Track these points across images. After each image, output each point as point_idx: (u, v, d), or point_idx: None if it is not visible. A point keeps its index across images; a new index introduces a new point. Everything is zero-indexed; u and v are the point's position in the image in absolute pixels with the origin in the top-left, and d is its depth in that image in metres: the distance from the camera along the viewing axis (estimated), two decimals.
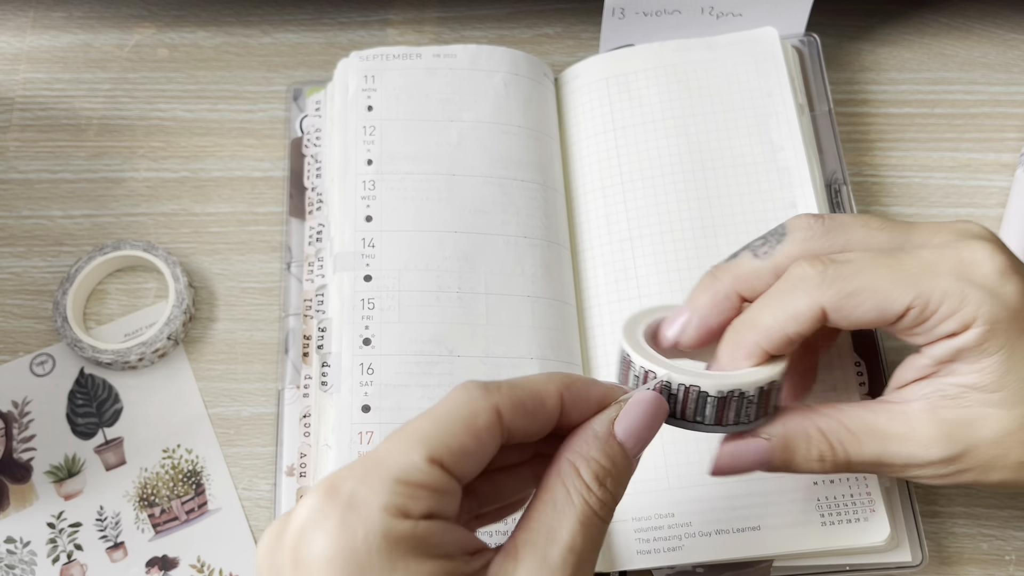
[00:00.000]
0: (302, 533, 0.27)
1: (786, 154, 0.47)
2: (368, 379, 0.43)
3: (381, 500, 0.27)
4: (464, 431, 0.28)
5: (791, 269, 0.35)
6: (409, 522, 0.27)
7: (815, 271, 0.34)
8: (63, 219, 0.51)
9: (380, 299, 0.44)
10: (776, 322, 0.34)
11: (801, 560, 0.41)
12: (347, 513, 0.27)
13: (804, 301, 0.34)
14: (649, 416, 0.31)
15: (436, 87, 0.49)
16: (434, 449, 0.28)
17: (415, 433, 0.28)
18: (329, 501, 0.27)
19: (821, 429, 0.35)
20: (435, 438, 0.28)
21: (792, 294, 0.34)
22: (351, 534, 0.27)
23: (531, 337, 0.44)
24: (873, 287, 0.33)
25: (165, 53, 0.55)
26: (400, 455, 0.28)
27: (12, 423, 0.47)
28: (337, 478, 0.28)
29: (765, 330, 0.34)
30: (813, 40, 0.52)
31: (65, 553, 0.44)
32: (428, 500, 0.28)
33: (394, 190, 0.46)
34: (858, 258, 0.34)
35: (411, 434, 0.28)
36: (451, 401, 0.29)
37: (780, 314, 0.34)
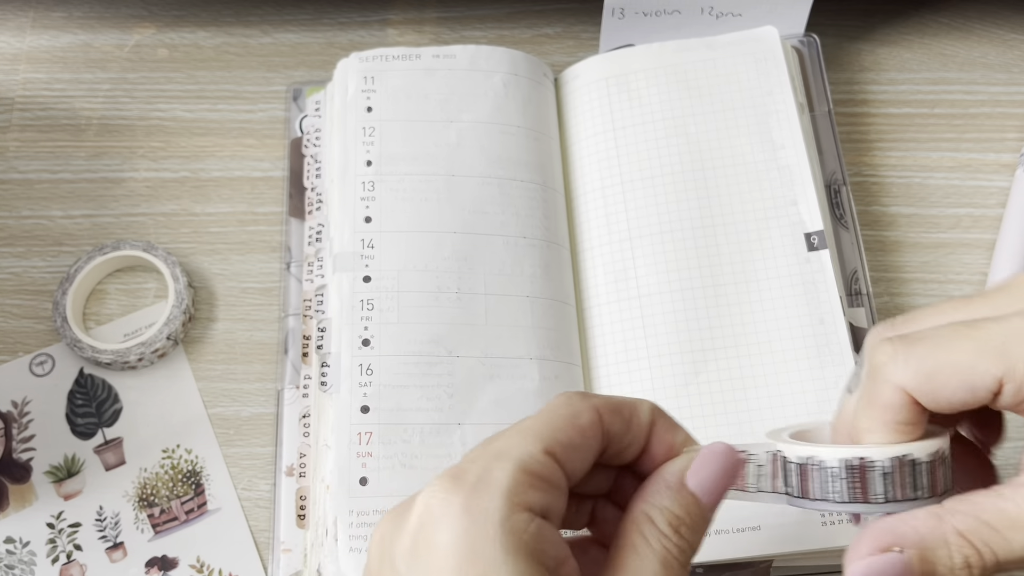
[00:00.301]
0: (426, 516, 0.27)
1: (786, 152, 0.47)
2: (367, 380, 0.43)
3: (505, 485, 0.27)
4: (571, 427, 0.29)
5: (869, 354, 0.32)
6: (526, 516, 0.27)
7: (887, 355, 0.31)
8: (63, 219, 0.51)
9: (379, 300, 0.44)
10: (872, 423, 0.31)
11: (801, 560, 0.41)
12: (472, 497, 0.27)
13: (886, 390, 0.31)
14: (720, 467, 0.31)
15: (435, 88, 0.49)
16: (548, 442, 0.28)
17: (528, 429, 0.29)
18: (455, 485, 0.27)
19: (959, 531, 0.30)
20: (547, 433, 0.29)
21: (874, 387, 0.31)
22: (477, 519, 0.27)
23: (530, 337, 0.44)
24: (956, 363, 0.29)
25: (165, 53, 0.55)
26: (519, 446, 0.28)
27: (12, 423, 0.47)
28: (463, 464, 0.28)
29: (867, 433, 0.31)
30: (813, 40, 0.52)
31: (64, 553, 0.44)
32: (545, 494, 0.28)
33: (393, 191, 0.46)
34: (933, 332, 0.30)
35: (525, 430, 0.29)
36: (554, 404, 0.30)
37: (874, 414, 0.31)
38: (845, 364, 0.43)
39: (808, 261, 0.45)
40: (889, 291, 0.49)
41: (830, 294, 0.44)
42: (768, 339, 0.44)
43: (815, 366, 0.43)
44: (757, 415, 0.43)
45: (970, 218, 0.51)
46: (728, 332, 0.44)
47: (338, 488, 0.41)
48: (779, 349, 0.44)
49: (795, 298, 0.44)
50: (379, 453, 0.42)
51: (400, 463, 0.41)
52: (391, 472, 0.41)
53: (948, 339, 0.30)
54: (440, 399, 0.43)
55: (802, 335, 0.44)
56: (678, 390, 0.43)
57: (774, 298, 0.45)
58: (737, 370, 0.44)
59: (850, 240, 0.47)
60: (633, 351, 0.44)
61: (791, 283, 0.45)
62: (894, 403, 0.30)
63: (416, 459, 0.42)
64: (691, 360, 0.44)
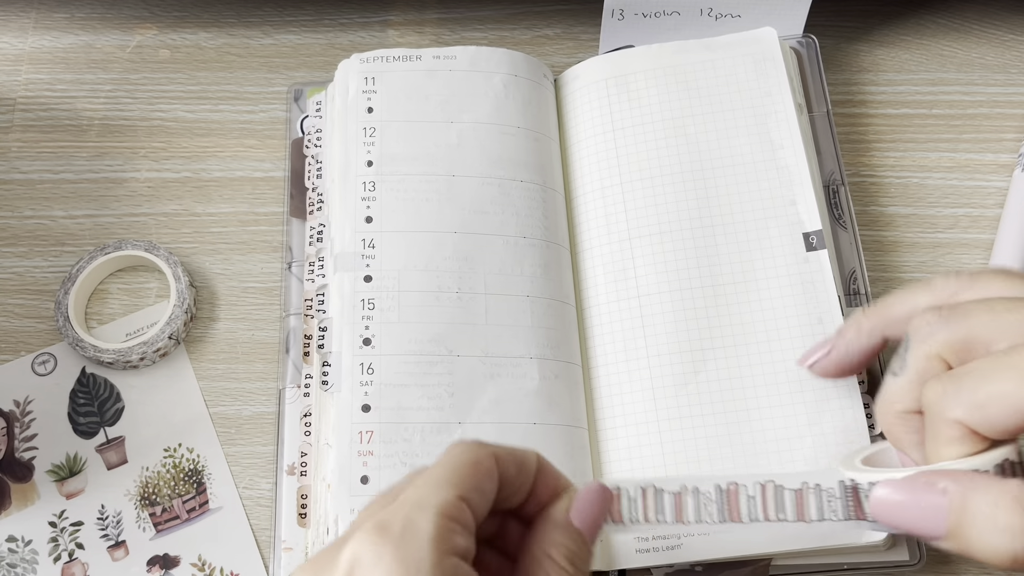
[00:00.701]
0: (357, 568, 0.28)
1: (785, 153, 0.47)
2: (368, 379, 0.43)
3: (430, 533, 0.28)
4: (476, 473, 0.30)
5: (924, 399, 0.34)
6: (454, 560, 0.28)
7: (936, 394, 0.33)
8: (65, 219, 0.51)
9: (380, 299, 0.44)
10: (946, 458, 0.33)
11: (799, 559, 0.42)
12: (401, 547, 0.28)
13: (944, 427, 0.32)
14: (596, 503, 0.33)
15: (436, 89, 0.49)
16: (460, 489, 0.30)
17: (439, 478, 0.30)
18: (382, 536, 0.28)
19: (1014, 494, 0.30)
20: (456, 480, 0.30)
21: (934, 426, 0.33)
22: (411, 567, 0.27)
23: (530, 337, 0.44)
24: (1001, 393, 0.31)
25: (167, 54, 0.55)
26: (436, 495, 0.29)
27: (14, 422, 0.47)
28: (384, 517, 0.29)
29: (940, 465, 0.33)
30: (811, 42, 0.52)
31: (66, 552, 0.44)
32: (463, 538, 0.29)
33: (394, 191, 0.46)
34: (977, 367, 0.32)
35: (436, 479, 0.30)
36: (455, 452, 0.31)
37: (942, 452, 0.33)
38: None
39: (807, 261, 0.45)
40: (888, 290, 0.49)
41: (828, 294, 0.45)
42: (767, 339, 0.44)
43: None
44: (756, 414, 0.43)
45: (968, 218, 0.51)
46: (727, 332, 0.44)
47: (339, 487, 0.41)
48: (778, 349, 0.44)
49: (794, 298, 0.45)
50: (380, 452, 0.42)
51: (401, 462, 0.42)
52: (392, 471, 0.41)
53: (991, 371, 0.32)
54: (441, 398, 0.43)
55: (801, 335, 0.44)
56: (677, 389, 0.44)
57: (773, 298, 0.45)
58: (736, 369, 0.44)
59: (848, 240, 0.47)
60: (633, 351, 0.45)
61: (790, 283, 0.45)
62: (954, 437, 0.32)
63: (417, 458, 0.42)
64: (690, 359, 0.44)
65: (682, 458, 0.42)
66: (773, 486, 0.36)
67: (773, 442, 0.42)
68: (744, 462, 0.42)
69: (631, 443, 0.43)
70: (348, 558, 0.28)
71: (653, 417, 0.43)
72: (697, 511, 0.35)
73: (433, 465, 0.31)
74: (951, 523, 0.31)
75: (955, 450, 0.32)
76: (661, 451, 0.43)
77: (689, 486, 0.36)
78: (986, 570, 0.43)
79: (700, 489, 0.36)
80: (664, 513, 0.35)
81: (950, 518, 0.31)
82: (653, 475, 0.40)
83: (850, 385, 0.43)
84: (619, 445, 0.43)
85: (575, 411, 0.44)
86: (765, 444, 0.42)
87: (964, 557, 0.43)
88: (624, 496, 0.35)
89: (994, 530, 0.30)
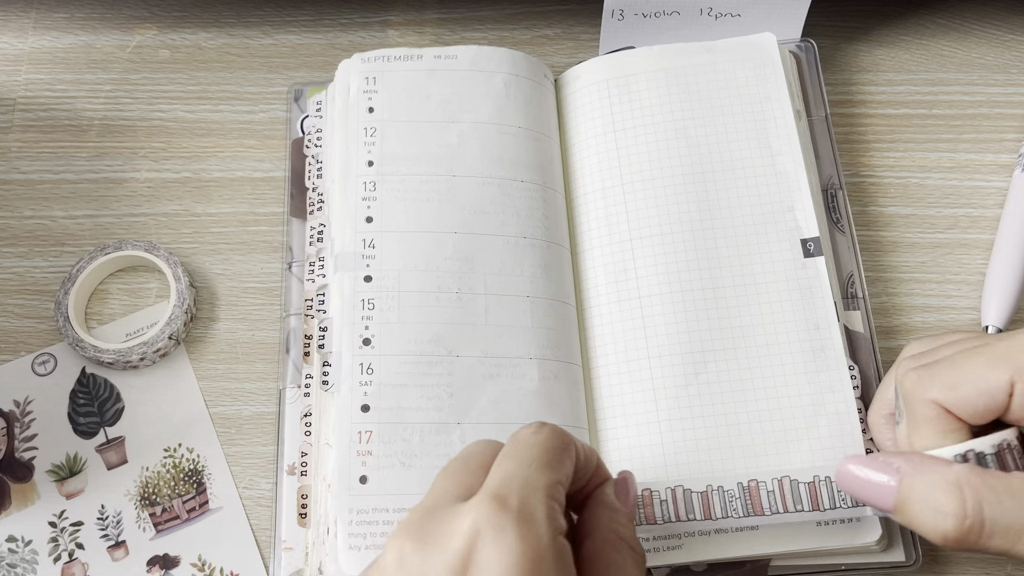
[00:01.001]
0: (475, 543, 0.29)
1: (783, 159, 0.47)
2: (368, 379, 0.43)
3: (545, 513, 0.30)
4: (566, 459, 0.33)
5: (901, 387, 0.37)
6: (562, 538, 0.31)
7: (912, 381, 0.36)
8: (65, 219, 0.51)
9: (380, 299, 0.44)
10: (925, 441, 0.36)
11: (797, 560, 0.42)
12: (521, 524, 0.29)
13: (922, 408, 0.36)
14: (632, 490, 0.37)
15: (437, 88, 0.49)
16: (557, 473, 0.32)
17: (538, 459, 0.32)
18: (504, 511, 0.30)
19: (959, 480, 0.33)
20: (555, 465, 0.32)
21: (913, 409, 0.36)
22: (530, 545, 0.29)
23: (530, 337, 0.44)
24: (972, 375, 0.35)
25: (166, 54, 0.55)
26: (541, 476, 0.31)
27: (14, 422, 0.47)
28: (500, 491, 0.30)
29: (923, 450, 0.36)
30: (810, 46, 0.52)
31: (66, 552, 0.44)
32: (563, 520, 0.31)
33: (394, 191, 0.46)
34: (948, 356, 0.36)
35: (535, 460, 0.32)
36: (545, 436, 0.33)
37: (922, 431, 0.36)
38: (839, 369, 0.43)
39: (804, 267, 0.45)
40: (887, 291, 0.49)
41: (825, 300, 0.45)
42: (766, 342, 0.44)
43: (811, 370, 0.44)
44: (755, 416, 0.43)
45: (968, 218, 0.51)
46: (727, 334, 0.44)
47: (338, 486, 0.41)
48: (776, 352, 0.44)
49: (792, 303, 0.45)
50: (379, 452, 0.42)
51: (400, 462, 0.42)
52: (391, 471, 0.41)
53: (963, 357, 0.35)
54: (440, 398, 0.43)
55: (798, 339, 0.44)
56: (678, 390, 0.44)
57: (772, 302, 0.45)
58: (736, 372, 0.44)
59: (846, 244, 0.47)
60: (633, 351, 0.45)
61: (788, 288, 0.45)
62: (931, 416, 0.35)
63: (416, 458, 0.42)
64: (691, 361, 0.44)
65: (683, 458, 0.42)
66: (789, 480, 0.40)
67: (772, 444, 0.42)
68: (744, 463, 0.42)
69: (631, 443, 0.43)
70: (468, 527, 0.29)
71: (654, 418, 0.43)
72: (724, 507, 0.40)
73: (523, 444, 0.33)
74: (898, 499, 0.34)
75: (930, 429, 0.35)
76: (662, 451, 0.43)
77: (714, 484, 0.40)
78: (986, 569, 0.43)
79: (724, 487, 0.40)
80: (694, 511, 0.39)
81: (899, 495, 0.34)
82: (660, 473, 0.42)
83: (845, 391, 0.43)
84: (620, 445, 0.43)
85: (575, 411, 0.44)
86: (764, 446, 0.42)
87: (960, 557, 0.43)
88: (656, 499, 0.40)
89: (930, 509, 0.33)
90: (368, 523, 0.40)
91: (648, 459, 0.43)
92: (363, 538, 0.40)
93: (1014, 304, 0.47)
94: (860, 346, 0.45)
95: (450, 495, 0.32)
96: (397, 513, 0.41)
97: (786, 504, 0.40)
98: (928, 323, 0.48)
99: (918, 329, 0.48)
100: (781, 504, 0.41)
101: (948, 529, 0.32)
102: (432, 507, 0.31)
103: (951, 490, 0.33)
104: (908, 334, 0.48)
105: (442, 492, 0.32)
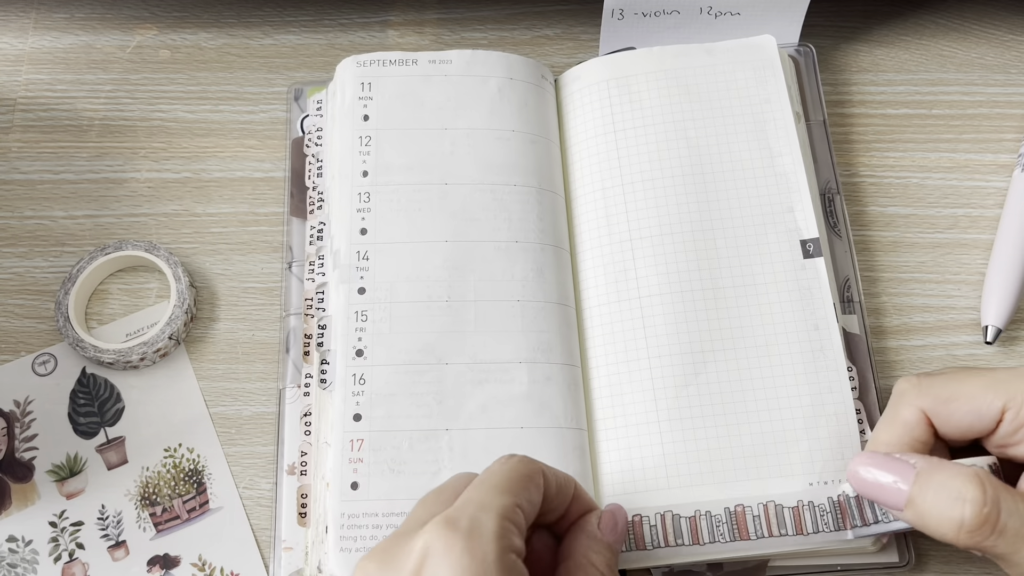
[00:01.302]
0: (428, 558, 0.31)
1: (783, 160, 0.47)
2: (360, 389, 0.43)
3: (494, 531, 0.32)
4: (529, 485, 0.34)
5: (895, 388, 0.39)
6: (512, 556, 0.32)
7: (911, 384, 0.38)
8: (65, 219, 0.51)
9: (373, 311, 0.45)
10: (890, 436, 0.38)
11: (794, 560, 0.42)
12: (469, 541, 0.31)
13: (907, 411, 0.38)
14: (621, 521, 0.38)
15: (431, 95, 0.49)
16: (516, 496, 0.33)
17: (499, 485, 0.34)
18: (452, 531, 0.31)
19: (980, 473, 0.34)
20: (515, 489, 0.34)
21: (897, 409, 0.38)
22: (476, 559, 0.31)
23: (519, 341, 0.44)
24: (968, 393, 0.37)
25: (167, 54, 0.56)
26: (496, 498, 0.33)
27: (14, 422, 0.47)
28: (451, 513, 0.32)
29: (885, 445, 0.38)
30: (809, 50, 0.52)
31: (67, 552, 0.45)
32: (518, 538, 0.33)
33: (388, 202, 0.47)
34: (951, 371, 0.38)
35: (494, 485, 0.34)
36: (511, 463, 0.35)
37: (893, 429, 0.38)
38: (838, 369, 0.44)
39: (804, 268, 0.45)
40: (887, 291, 0.49)
41: (824, 301, 0.45)
42: (765, 343, 0.44)
43: (810, 371, 0.44)
44: (755, 416, 0.43)
45: (968, 218, 0.51)
46: (727, 335, 0.44)
47: (337, 485, 0.41)
48: (775, 353, 0.44)
49: (791, 304, 0.45)
50: (369, 459, 0.42)
51: (389, 468, 0.42)
52: (381, 478, 0.42)
53: (963, 376, 0.37)
54: (429, 406, 0.43)
55: (797, 340, 0.44)
56: (677, 390, 0.44)
57: (771, 303, 0.45)
58: (735, 372, 0.44)
59: (843, 248, 0.47)
60: (633, 351, 0.45)
61: (787, 288, 0.45)
62: (911, 421, 0.37)
63: (405, 464, 0.42)
64: (691, 361, 0.44)
65: (682, 459, 0.43)
66: (774, 505, 0.41)
67: (771, 444, 0.42)
68: (743, 463, 0.42)
69: (631, 443, 0.43)
70: (420, 548, 0.31)
71: (654, 418, 0.43)
72: (712, 532, 0.41)
73: (489, 472, 0.35)
74: (913, 492, 0.34)
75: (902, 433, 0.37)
76: (661, 451, 0.43)
77: (702, 510, 0.41)
78: (986, 569, 0.43)
79: (712, 512, 0.41)
80: (682, 536, 0.41)
81: (913, 488, 0.34)
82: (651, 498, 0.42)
83: (844, 391, 0.43)
84: (619, 446, 0.43)
85: (568, 413, 0.44)
86: (764, 447, 0.42)
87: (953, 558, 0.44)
88: (645, 524, 0.41)
89: (948, 497, 0.33)
90: (358, 527, 0.41)
91: (647, 459, 0.43)
92: (353, 541, 0.41)
93: (1014, 304, 0.47)
94: (857, 348, 0.45)
95: (419, 522, 0.33)
96: (386, 518, 0.41)
97: (771, 529, 0.41)
98: (928, 323, 0.48)
99: (918, 329, 0.48)
100: (766, 528, 0.41)
101: (966, 515, 0.33)
102: (401, 534, 0.33)
103: (972, 479, 0.33)
104: (908, 334, 0.48)
105: (414, 520, 0.34)
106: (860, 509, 0.39)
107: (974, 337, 0.48)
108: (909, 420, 0.38)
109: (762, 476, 0.42)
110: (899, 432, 0.38)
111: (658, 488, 0.42)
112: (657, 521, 0.41)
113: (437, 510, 0.33)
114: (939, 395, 0.37)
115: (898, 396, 0.38)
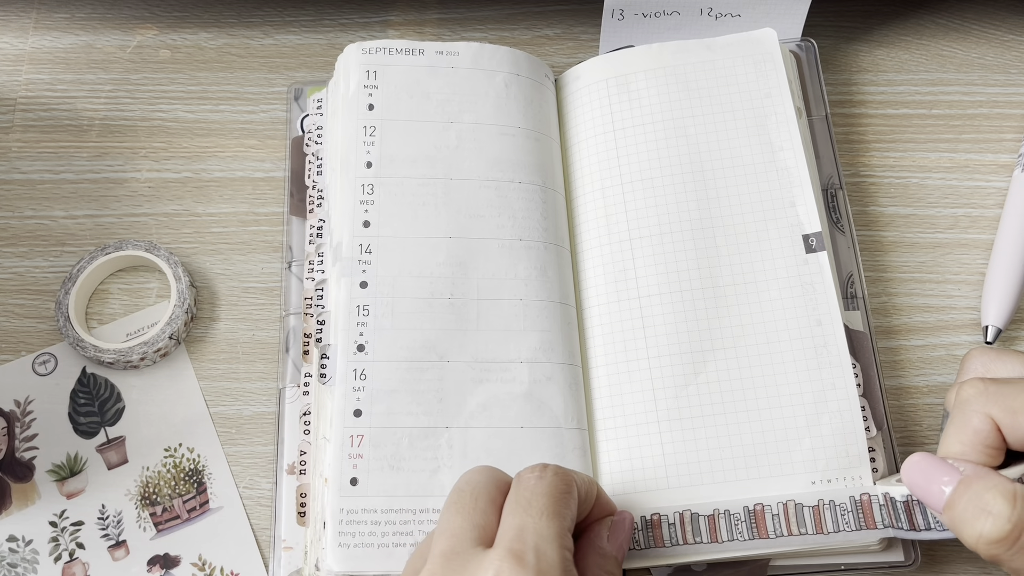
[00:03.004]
0: None
1: (785, 155, 0.47)
2: (361, 384, 0.43)
3: (559, 563, 0.32)
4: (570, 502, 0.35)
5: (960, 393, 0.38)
6: None
7: (977, 390, 0.37)
8: (65, 219, 0.51)
9: (375, 306, 0.44)
10: (962, 445, 0.37)
11: (797, 559, 0.42)
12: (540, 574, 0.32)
13: (976, 418, 0.36)
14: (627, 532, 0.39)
15: (437, 87, 0.49)
16: (565, 519, 0.34)
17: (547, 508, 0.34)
18: (522, 565, 0.32)
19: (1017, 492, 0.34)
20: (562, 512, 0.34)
21: (965, 416, 0.37)
22: None
23: (521, 340, 0.44)
24: None
25: (167, 54, 0.56)
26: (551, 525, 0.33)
27: (14, 422, 0.47)
28: (514, 547, 0.32)
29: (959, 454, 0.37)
30: (810, 45, 0.52)
31: (67, 552, 0.45)
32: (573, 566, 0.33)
33: (392, 195, 0.46)
34: (1018, 380, 0.37)
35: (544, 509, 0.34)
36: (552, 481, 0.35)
37: (964, 438, 0.37)
38: (842, 365, 0.43)
39: (806, 263, 0.45)
40: (887, 291, 0.49)
41: (828, 296, 0.45)
42: (767, 340, 0.44)
43: (813, 367, 0.43)
44: (756, 415, 0.43)
45: (968, 218, 0.51)
46: (728, 333, 0.44)
47: (335, 482, 0.41)
48: (778, 350, 0.44)
49: (793, 300, 0.45)
50: (369, 455, 0.42)
51: (389, 465, 0.42)
52: (380, 474, 0.42)
53: None
54: (430, 403, 0.43)
55: (800, 336, 0.44)
56: (678, 390, 0.44)
57: (773, 299, 0.45)
58: (736, 371, 0.44)
59: (846, 244, 0.47)
60: (633, 351, 0.45)
61: (789, 284, 0.45)
62: (983, 429, 0.36)
63: (404, 461, 0.42)
64: (691, 360, 0.44)
65: (682, 459, 0.42)
66: (794, 504, 0.41)
67: (773, 443, 0.42)
68: (744, 463, 0.42)
69: (631, 443, 0.43)
70: None
71: (654, 418, 0.43)
72: (730, 530, 0.41)
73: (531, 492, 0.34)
74: (952, 496, 0.35)
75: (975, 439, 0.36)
76: (661, 451, 0.43)
77: (720, 508, 0.41)
78: (985, 569, 0.43)
79: (731, 511, 0.41)
80: (701, 535, 0.41)
81: (954, 493, 0.35)
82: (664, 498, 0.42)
83: (848, 388, 0.43)
84: (619, 445, 0.43)
85: (568, 413, 0.44)
86: (765, 445, 0.42)
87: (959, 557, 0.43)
88: (664, 523, 0.41)
89: (976, 507, 0.34)
90: (357, 523, 0.41)
91: (647, 459, 0.43)
92: (351, 536, 0.40)
93: (1014, 304, 0.47)
94: (861, 345, 0.45)
95: (467, 537, 0.33)
96: (385, 514, 0.41)
97: (790, 528, 0.41)
98: (928, 323, 0.48)
99: (918, 329, 0.48)
100: (785, 527, 0.41)
101: (986, 528, 0.33)
102: (451, 552, 0.33)
103: (1005, 496, 0.33)
104: (908, 334, 0.48)
105: (459, 533, 0.34)
106: (910, 514, 0.39)
107: (974, 337, 0.48)
108: (981, 428, 0.36)
109: (763, 475, 0.42)
110: (970, 439, 0.37)
111: (659, 488, 0.42)
112: (675, 519, 0.41)
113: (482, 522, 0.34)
114: (1008, 404, 0.36)
115: (964, 403, 0.37)
